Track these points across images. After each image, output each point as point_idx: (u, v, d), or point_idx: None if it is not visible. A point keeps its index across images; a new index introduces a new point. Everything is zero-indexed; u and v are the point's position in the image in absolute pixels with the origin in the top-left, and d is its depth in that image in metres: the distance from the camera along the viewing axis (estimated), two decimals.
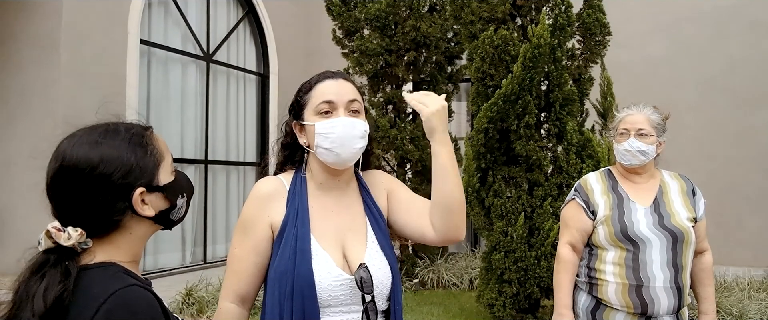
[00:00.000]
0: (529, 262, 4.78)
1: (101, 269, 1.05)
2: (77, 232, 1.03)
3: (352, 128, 1.50)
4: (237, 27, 8.03)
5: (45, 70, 5.64)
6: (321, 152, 1.52)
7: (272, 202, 1.53)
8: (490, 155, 5.02)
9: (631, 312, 2.23)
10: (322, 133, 1.50)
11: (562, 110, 4.96)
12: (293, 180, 1.57)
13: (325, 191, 1.57)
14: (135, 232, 1.12)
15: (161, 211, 1.14)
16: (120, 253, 1.10)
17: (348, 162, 1.54)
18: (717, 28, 7.10)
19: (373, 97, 7.22)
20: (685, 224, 2.24)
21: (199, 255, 7.28)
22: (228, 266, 1.54)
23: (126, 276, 1.05)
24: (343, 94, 1.54)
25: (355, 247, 1.51)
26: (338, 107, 1.52)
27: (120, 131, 1.11)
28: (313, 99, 1.55)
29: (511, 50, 4.99)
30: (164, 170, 1.14)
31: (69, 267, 1.01)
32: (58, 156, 1.07)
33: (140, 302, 1.02)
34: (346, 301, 1.45)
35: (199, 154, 7.32)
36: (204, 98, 7.41)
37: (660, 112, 2.38)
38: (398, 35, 6.97)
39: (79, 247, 1.05)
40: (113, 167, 1.06)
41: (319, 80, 1.57)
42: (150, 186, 1.10)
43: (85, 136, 1.08)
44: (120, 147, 1.08)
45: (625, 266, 2.22)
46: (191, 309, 5.28)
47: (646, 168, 2.35)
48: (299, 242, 1.46)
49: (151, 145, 1.13)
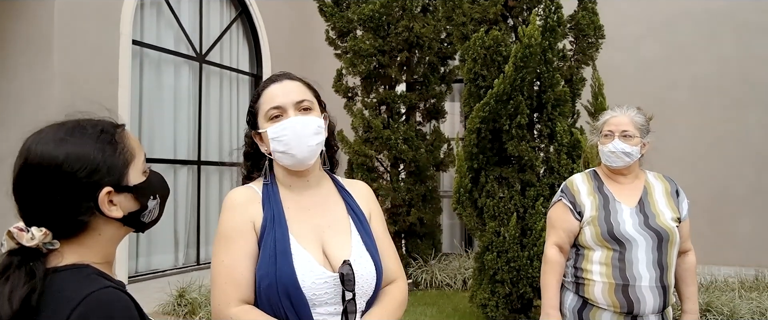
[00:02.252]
0: (522, 262, 4.79)
1: (74, 271, 1.02)
2: (41, 232, 1.00)
3: (302, 127, 1.50)
4: (230, 27, 8.01)
5: (38, 71, 5.62)
6: (278, 156, 1.53)
7: (250, 207, 1.53)
8: (483, 155, 5.03)
9: (618, 312, 2.24)
10: (275, 137, 1.51)
11: (554, 111, 4.98)
12: (263, 186, 1.58)
13: (297, 192, 1.58)
14: (104, 234, 1.08)
15: (131, 213, 1.09)
16: (90, 255, 1.06)
17: (306, 162, 1.53)
18: (709, 30, 7.14)
19: (366, 97, 7.22)
20: (669, 224, 2.26)
21: (192, 257, 7.26)
22: (219, 277, 1.46)
23: (100, 278, 1.02)
24: (289, 94, 1.54)
25: (336, 245, 1.51)
26: (287, 109, 1.52)
27: (87, 128, 1.07)
28: (263, 106, 1.55)
29: (502, 51, 5.00)
30: (135, 170, 1.10)
31: (34, 269, 0.98)
32: (23, 153, 1.04)
33: (116, 304, 0.99)
34: (330, 300, 1.45)
35: (192, 155, 7.30)
36: (197, 99, 7.40)
37: (644, 113, 2.40)
38: (391, 36, 6.98)
39: (44, 248, 1.01)
40: (78, 165, 1.02)
41: (265, 87, 1.58)
42: (118, 186, 1.06)
43: (51, 133, 1.05)
44: (86, 144, 1.04)
45: (611, 266, 2.24)
46: (183, 310, 5.27)
47: (631, 169, 2.37)
48: (278, 244, 1.46)
49: (121, 144, 1.09)
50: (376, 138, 6.85)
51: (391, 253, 1.64)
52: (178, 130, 7.15)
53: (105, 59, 5.99)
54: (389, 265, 1.60)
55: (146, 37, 6.75)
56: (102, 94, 5.75)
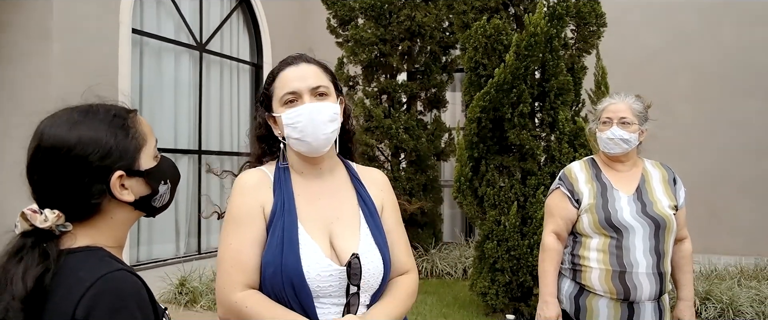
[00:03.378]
0: (522, 251, 4.80)
1: (87, 252, 1.04)
2: (54, 214, 1.02)
3: (318, 113, 1.46)
4: (230, 16, 7.97)
5: (37, 61, 5.60)
6: (292, 143, 1.49)
7: (260, 191, 1.49)
8: (483, 144, 5.02)
9: (614, 298, 2.25)
10: (289, 123, 1.47)
11: (556, 99, 4.96)
12: (275, 170, 1.54)
13: (309, 179, 1.54)
14: (115, 217, 1.09)
15: (142, 197, 1.11)
16: (103, 238, 1.07)
17: (321, 149, 1.49)
18: (710, 18, 7.10)
19: (367, 86, 7.20)
20: (667, 212, 2.27)
21: (194, 246, 7.27)
22: (225, 261, 1.44)
23: (113, 261, 1.04)
24: (305, 79, 1.49)
25: (344, 237, 1.48)
26: (302, 94, 1.48)
27: (100, 112, 1.08)
28: (278, 90, 1.51)
29: (503, 39, 4.98)
30: (146, 155, 1.11)
31: (47, 249, 1.00)
32: (37, 135, 1.06)
33: (127, 287, 1.00)
34: (334, 292, 1.43)
35: (192, 145, 7.30)
36: (197, 88, 7.37)
37: (643, 100, 2.40)
38: (393, 24, 6.95)
39: (57, 230, 1.03)
40: (91, 149, 1.03)
41: (280, 69, 1.53)
42: (130, 171, 1.08)
43: (64, 116, 1.06)
44: (99, 128, 1.06)
45: (608, 252, 2.25)
46: (184, 298, 5.29)
47: (628, 156, 2.37)
48: (287, 232, 1.43)
49: (133, 128, 1.10)
50: (377, 127, 6.84)
51: (403, 245, 1.61)
52: (179, 119, 7.14)
53: (104, 48, 5.97)
54: (401, 258, 1.58)
55: (146, 26, 6.72)
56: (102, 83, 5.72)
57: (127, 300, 0.99)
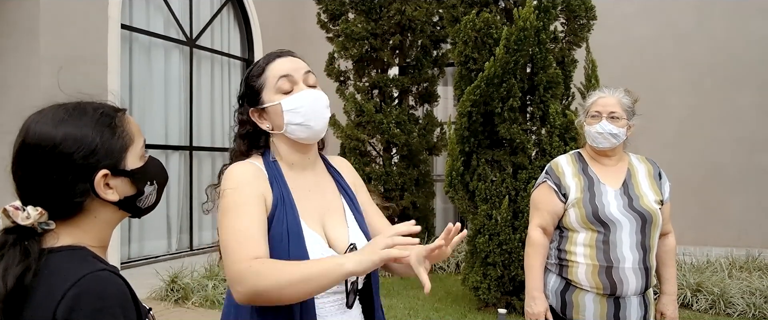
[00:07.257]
0: (514, 245, 4.81)
1: (69, 252, 1.02)
2: (36, 212, 1.00)
3: (318, 99, 1.51)
4: (220, 11, 7.93)
5: (24, 57, 5.55)
6: (293, 129, 1.49)
7: (259, 181, 1.46)
8: (474, 139, 5.01)
9: (600, 293, 2.25)
10: (291, 109, 1.48)
11: (546, 93, 4.96)
12: (265, 164, 1.52)
13: (298, 172, 1.54)
14: (100, 217, 1.08)
15: (127, 197, 1.09)
16: (86, 237, 1.06)
17: (320, 134, 1.54)
18: (702, 10, 7.11)
19: (358, 81, 7.18)
20: (653, 206, 2.26)
21: (185, 243, 7.25)
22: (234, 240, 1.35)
23: (95, 261, 1.03)
24: (299, 68, 1.53)
25: (335, 227, 1.51)
26: (298, 81, 1.51)
27: (88, 110, 1.07)
28: (270, 79, 1.51)
29: (493, 33, 4.96)
30: (133, 154, 1.10)
31: (29, 247, 0.99)
32: (22, 131, 1.05)
33: (109, 287, 0.99)
34: None
35: (183, 141, 7.26)
36: (188, 84, 7.33)
37: (631, 94, 2.39)
38: (383, 19, 6.92)
39: (40, 228, 1.02)
40: (75, 146, 1.02)
41: (269, 61, 1.54)
42: (115, 170, 1.06)
43: (51, 113, 1.05)
44: (85, 126, 1.04)
45: (595, 247, 2.24)
46: (175, 295, 5.27)
47: (615, 151, 2.36)
48: (290, 225, 1.43)
49: (120, 127, 1.09)
50: (368, 122, 6.82)
51: (381, 217, 1.69)
52: (169, 115, 7.10)
53: (93, 44, 5.92)
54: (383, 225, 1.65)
55: (136, 22, 6.67)
56: (91, 79, 5.69)
57: (109, 301, 0.97)
